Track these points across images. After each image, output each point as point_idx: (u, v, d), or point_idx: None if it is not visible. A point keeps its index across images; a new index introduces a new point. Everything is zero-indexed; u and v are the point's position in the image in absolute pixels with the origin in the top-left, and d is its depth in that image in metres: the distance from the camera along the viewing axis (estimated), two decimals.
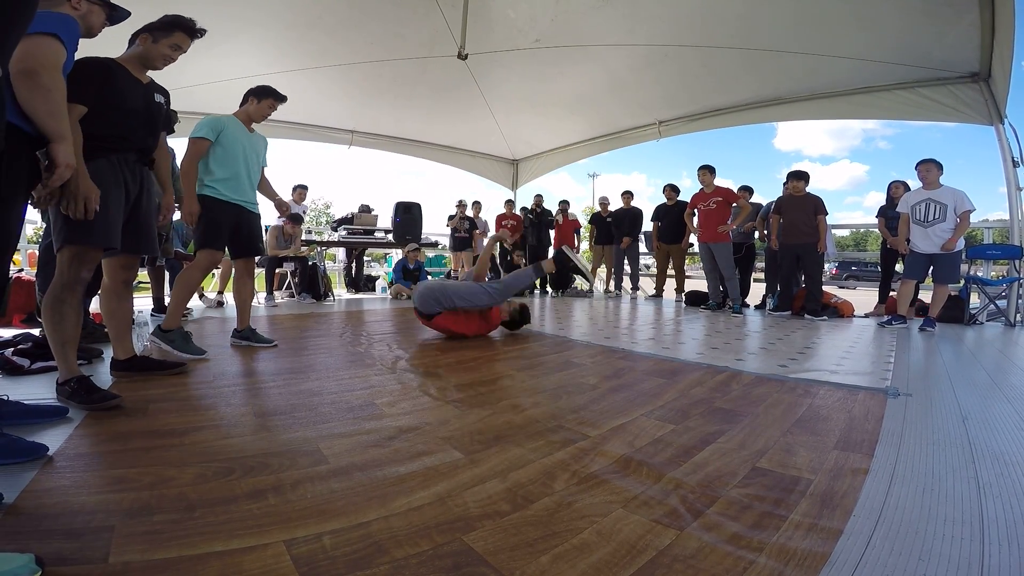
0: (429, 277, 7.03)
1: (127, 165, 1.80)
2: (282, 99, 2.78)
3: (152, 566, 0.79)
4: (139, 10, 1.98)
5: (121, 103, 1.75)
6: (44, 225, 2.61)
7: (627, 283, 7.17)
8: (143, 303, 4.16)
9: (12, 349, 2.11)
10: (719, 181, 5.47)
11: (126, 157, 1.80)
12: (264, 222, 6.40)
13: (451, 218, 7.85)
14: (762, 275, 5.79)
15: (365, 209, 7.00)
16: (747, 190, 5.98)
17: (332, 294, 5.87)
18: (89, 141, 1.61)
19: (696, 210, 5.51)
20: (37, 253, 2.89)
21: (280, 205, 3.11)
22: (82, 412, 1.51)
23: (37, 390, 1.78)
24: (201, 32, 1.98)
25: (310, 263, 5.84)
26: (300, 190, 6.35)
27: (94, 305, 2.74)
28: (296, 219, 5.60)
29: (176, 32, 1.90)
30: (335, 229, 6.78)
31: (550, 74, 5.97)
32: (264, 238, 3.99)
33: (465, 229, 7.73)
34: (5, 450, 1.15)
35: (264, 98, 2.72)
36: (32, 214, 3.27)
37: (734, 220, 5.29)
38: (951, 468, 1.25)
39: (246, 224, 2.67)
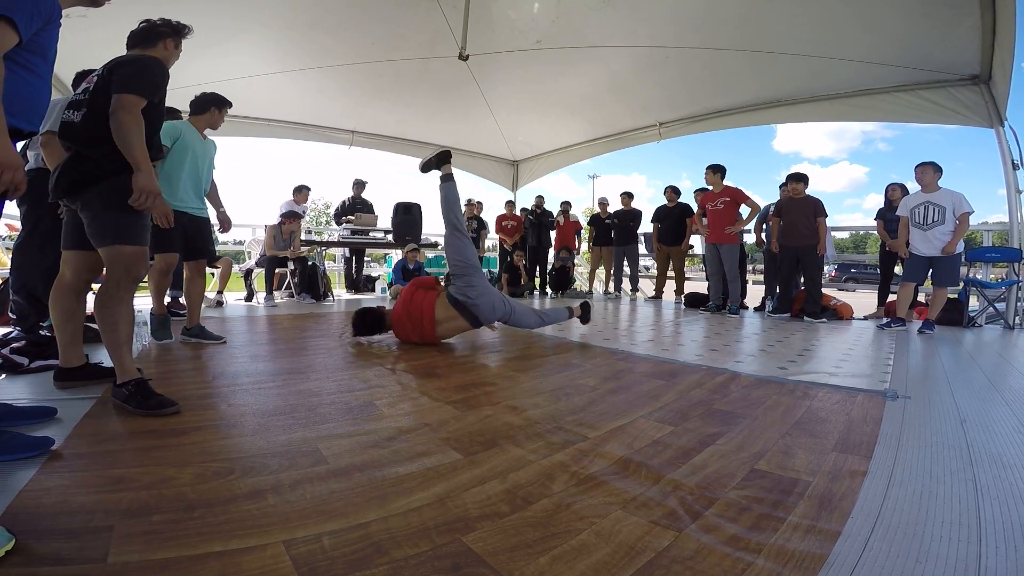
0: None
1: None
2: (229, 105, 3.00)
3: (151, 566, 0.79)
4: (140, 10, 2.00)
5: (162, 111, 1.77)
6: (20, 226, 2.60)
7: (627, 284, 7.18)
8: (143, 303, 4.16)
9: (9, 348, 2.10)
10: None
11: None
12: (263, 222, 6.50)
13: None
14: (760, 277, 5.78)
15: (359, 184, 6.99)
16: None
17: (332, 294, 5.87)
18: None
19: (705, 210, 5.50)
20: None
21: (222, 218, 3.21)
22: (78, 412, 1.51)
23: (37, 389, 1.79)
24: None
25: (310, 263, 5.83)
26: (304, 191, 6.31)
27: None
28: (293, 216, 5.61)
29: (181, 42, 1.95)
30: (339, 222, 6.79)
31: (551, 75, 5.98)
32: (260, 241, 4.02)
33: (473, 229, 7.68)
34: (7, 446, 1.15)
35: (224, 107, 2.92)
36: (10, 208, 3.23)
37: (741, 222, 5.29)
38: (949, 470, 1.25)
39: (191, 228, 2.79)
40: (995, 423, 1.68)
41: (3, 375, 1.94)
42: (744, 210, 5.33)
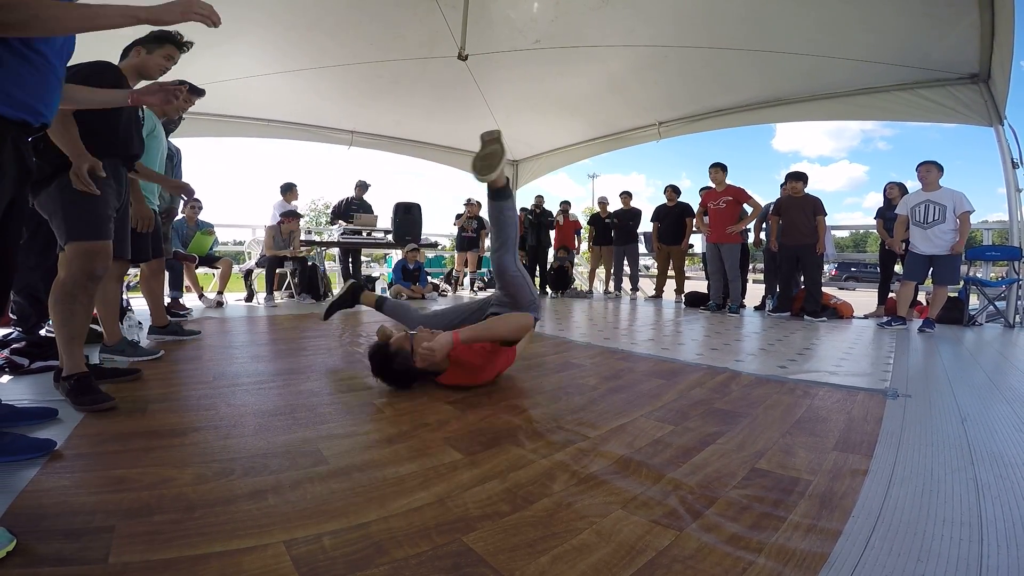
0: (429, 279, 7.02)
1: (118, 170, 1.83)
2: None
3: (152, 566, 0.79)
4: None
5: (123, 110, 1.80)
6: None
7: (627, 284, 7.18)
8: (142, 303, 4.15)
9: (10, 349, 2.10)
10: None
11: (118, 163, 1.84)
12: (263, 223, 6.49)
13: (459, 217, 7.81)
14: (761, 276, 5.79)
15: (361, 186, 6.97)
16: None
17: (332, 294, 5.87)
18: (92, 140, 1.60)
19: (707, 208, 5.50)
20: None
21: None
22: (80, 413, 1.51)
23: (38, 390, 1.78)
24: (188, 45, 2.08)
25: (309, 263, 5.84)
26: (292, 189, 6.11)
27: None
28: (292, 215, 5.60)
29: (166, 44, 2.00)
30: (333, 223, 6.77)
31: (550, 75, 5.97)
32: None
33: (473, 229, 7.67)
34: (9, 448, 1.15)
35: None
36: None
37: (743, 222, 5.29)
38: (950, 469, 1.25)
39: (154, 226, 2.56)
40: (996, 422, 1.68)
41: (4, 376, 1.94)
42: (747, 208, 5.33)
